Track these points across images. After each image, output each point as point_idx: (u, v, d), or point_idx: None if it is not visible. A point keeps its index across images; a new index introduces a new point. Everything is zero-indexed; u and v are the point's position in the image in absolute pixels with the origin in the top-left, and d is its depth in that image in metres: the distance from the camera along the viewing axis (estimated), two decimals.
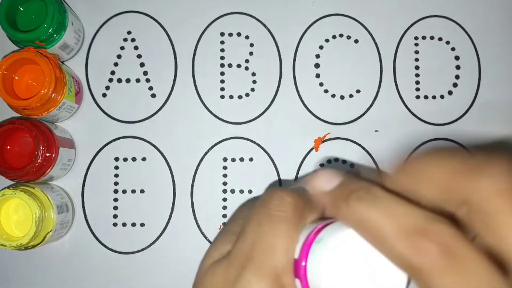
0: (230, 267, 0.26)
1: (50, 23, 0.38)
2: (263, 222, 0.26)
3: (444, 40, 0.44)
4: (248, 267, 0.25)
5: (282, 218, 0.25)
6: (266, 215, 0.26)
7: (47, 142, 0.37)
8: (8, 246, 0.36)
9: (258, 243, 0.25)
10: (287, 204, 0.26)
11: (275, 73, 0.43)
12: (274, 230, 0.25)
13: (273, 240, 0.25)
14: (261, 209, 0.26)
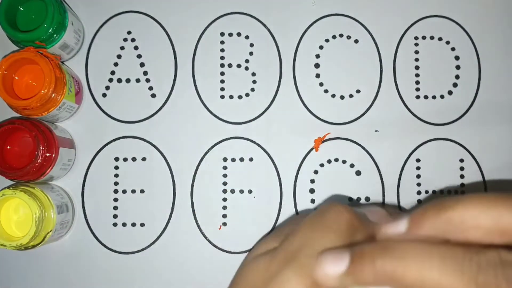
0: (274, 261, 0.27)
1: (50, 23, 0.38)
2: (316, 228, 0.27)
3: (444, 40, 0.44)
4: (290, 265, 0.26)
5: (335, 230, 0.26)
6: (320, 223, 0.27)
7: (47, 142, 0.37)
8: (8, 246, 0.36)
9: (306, 246, 0.26)
10: (343, 218, 0.27)
11: (275, 73, 0.43)
12: (324, 239, 0.26)
13: (321, 247, 0.25)
14: (317, 217, 0.27)
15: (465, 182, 0.42)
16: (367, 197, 0.42)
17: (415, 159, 0.43)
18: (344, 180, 0.42)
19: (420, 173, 0.43)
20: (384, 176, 0.42)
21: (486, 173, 0.43)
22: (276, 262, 0.27)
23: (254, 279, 0.27)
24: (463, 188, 0.42)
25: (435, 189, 0.42)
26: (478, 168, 0.43)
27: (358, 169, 0.42)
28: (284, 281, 0.25)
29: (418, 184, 0.42)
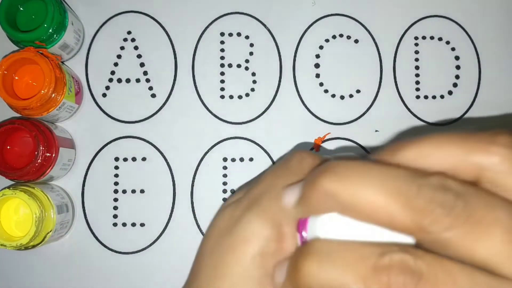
0: (238, 208, 0.27)
1: (50, 23, 0.38)
2: (278, 174, 0.27)
3: (444, 40, 0.44)
4: (252, 209, 0.26)
5: (297, 174, 0.26)
6: (283, 169, 0.27)
7: (47, 142, 0.37)
8: (8, 246, 0.36)
9: (268, 191, 0.26)
10: (306, 163, 0.27)
11: (275, 73, 0.43)
12: (286, 182, 0.26)
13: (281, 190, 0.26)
14: (281, 164, 0.27)
15: None
16: None
17: None
18: None
19: None
20: None
21: None
22: (239, 209, 0.27)
23: (219, 227, 0.27)
24: None
25: None
26: None
27: None
28: (245, 224, 0.25)
29: None
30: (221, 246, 0.26)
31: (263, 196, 0.26)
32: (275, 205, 0.25)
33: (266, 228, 0.25)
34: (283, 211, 0.25)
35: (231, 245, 0.26)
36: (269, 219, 0.25)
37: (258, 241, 0.25)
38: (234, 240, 0.26)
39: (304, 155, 0.27)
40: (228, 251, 0.26)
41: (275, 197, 0.26)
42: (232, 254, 0.25)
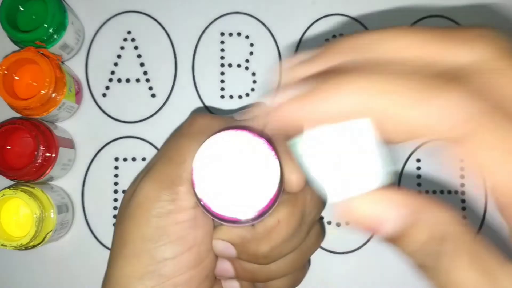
0: (135, 181, 0.28)
1: (50, 23, 0.38)
2: (171, 140, 0.28)
3: None
4: (146, 176, 0.27)
5: (186, 135, 0.27)
6: (175, 134, 0.28)
7: (47, 142, 0.37)
8: (8, 246, 0.36)
9: (160, 157, 0.28)
10: (195, 123, 0.28)
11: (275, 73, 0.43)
12: (176, 144, 0.27)
13: (172, 152, 0.27)
14: (175, 130, 0.30)
15: (465, 182, 0.42)
16: None
17: (415, 159, 0.43)
18: None
19: (420, 173, 0.42)
20: None
21: None
22: (137, 179, 0.28)
23: (124, 200, 0.28)
24: (463, 188, 0.42)
25: (435, 189, 0.42)
26: None
27: None
28: (140, 191, 0.26)
29: (418, 184, 0.42)
30: (122, 216, 0.27)
31: (156, 162, 0.27)
32: (168, 167, 0.26)
33: (158, 190, 0.26)
34: (175, 172, 0.26)
35: (129, 213, 0.26)
36: (160, 182, 0.26)
37: (151, 203, 0.26)
38: (131, 206, 0.26)
39: (195, 116, 0.28)
40: (128, 218, 0.26)
41: (167, 161, 0.27)
42: (131, 220, 0.26)
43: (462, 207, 0.42)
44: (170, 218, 0.26)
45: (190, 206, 0.26)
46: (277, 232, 0.27)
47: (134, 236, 0.26)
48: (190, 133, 0.27)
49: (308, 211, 0.29)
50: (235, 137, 0.24)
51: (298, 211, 0.28)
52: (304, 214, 0.28)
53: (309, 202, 0.28)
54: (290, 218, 0.27)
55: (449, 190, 0.42)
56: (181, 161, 0.26)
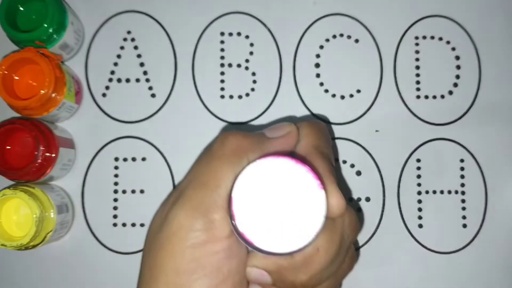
0: (165, 205, 0.27)
1: (50, 23, 0.38)
2: (202, 162, 0.26)
3: (444, 40, 0.44)
4: (177, 202, 0.25)
5: (218, 157, 0.26)
6: (206, 155, 0.26)
7: (47, 142, 0.37)
8: (8, 246, 0.36)
9: (192, 181, 0.26)
10: (227, 144, 0.26)
11: (275, 73, 0.43)
12: (208, 168, 0.26)
13: (204, 177, 0.25)
14: (205, 150, 0.27)
15: (465, 182, 0.42)
16: (367, 197, 0.42)
17: (415, 159, 0.43)
18: (344, 180, 0.42)
19: (420, 173, 0.42)
20: (384, 176, 0.42)
21: (486, 173, 0.42)
22: (167, 204, 0.26)
23: (152, 227, 0.27)
24: (463, 188, 0.42)
25: (435, 189, 0.42)
26: (478, 168, 0.43)
27: (358, 169, 0.42)
28: (172, 220, 0.25)
29: (418, 184, 0.42)
30: (153, 245, 0.26)
31: (187, 186, 0.26)
32: (201, 193, 0.25)
33: (193, 219, 0.24)
34: (209, 198, 0.24)
35: (161, 242, 0.25)
36: (194, 209, 0.24)
37: (187, 233, 0.24)
38: (163, 236, 0.25)
39: (226, 136, 0.26)
40: (160, 248, 0.25)
41: (199, 186, 0.25)
42: (163, 251, 0.25)
43: (462, 207, 0.42)
44: (205, 249, 0.24)
45: (225, 235, 0.24)
46: (317, 261, 0.25)
47: (167, 268, 0.24)
48: (223, 155, 0.26)
49: (346, 236, 0.27)
50: (276, 164, 0.23)
51: (337, 237, 0.26)
52: (343, 239, 0.27)
53: (347, 226, 0.27)
54: (329, 246, 0.26)
55: (449, 190, 0.42)
56: (215, 186, 0.25)
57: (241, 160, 0.25)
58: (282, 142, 0.28)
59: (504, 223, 0.42)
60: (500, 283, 0.41)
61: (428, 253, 0.42)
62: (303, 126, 0.29)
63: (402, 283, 0.41)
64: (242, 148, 0.26)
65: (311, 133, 0.29)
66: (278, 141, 0.27)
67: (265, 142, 0.27)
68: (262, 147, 0.27)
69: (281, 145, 0.27)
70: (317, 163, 0.26)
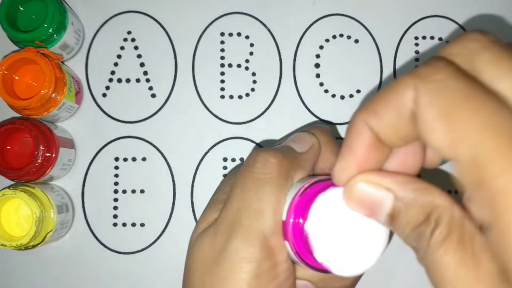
0: (217, 235, 0.25)
1: (50, 23, 0.38)
2: (248, 187, 0.25)
3: (444, 40, 0.44)
4: (235, 234, 0.24)
5: (267, 181, 0.25)
6: (250, 179, 0.25)
7: (47, 142, 0.37)
8: (8, 246, 0.36)
9: (244, 208, 0.25)
10: (271, 165, 0.25)
11: (275, 73, 0.43)
12: (259, 194, 0.25)
13: (259, 204, 0.25)
14: (246, 173, 0.26)
15: None
16: None
17: None
18: None
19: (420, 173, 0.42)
20: None
21: None
22: (220, 235, 0.25)
23: (203, 259, 0.26)
24: None
25: None
26: None
27: None
28: (233, 253, 0.24)
29: None
30: (212, 279, 0.25)
31: (240, 215, 0.25)
32: (256, 222, 0.24)
33: (254, 249, 0.24)
34: (265, 226, 0.24)
35: (222, 276, 0.24)
36: (254, 239, 0.24)
37: (250, 264, 0.24)
38: (223, 270, 0.24)
39: (266, 157, 0.26)
40: (220, 283, 0.24)
41: (253, 214, 0.24)
42: (226, 285, 0.24)
43: None
44: (269, 276, 0.24)
45: (284, 258, 0.25)
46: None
47: None
48: (271, 178, 0.25)
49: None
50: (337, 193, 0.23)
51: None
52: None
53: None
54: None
55: (449, 190, 0.42)
56: (271, 212, 0.24)
57: (287, 182, 0.25)
58: (311, 155, 0.28)
59: None
60: None
61: None
62: (319, 135, 0.29)
63: (402, 283, 0.41)
64: (285, 169, 0.25)
65: (330, 142, 0.29)
66: (308, 154, 0.28)
67: (299, 158, 0.27)
68: (300, 164, 0.27)
69: (312, 158, 0.28)
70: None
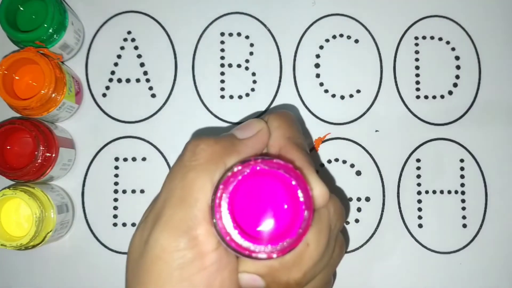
0: (144, 228, 0.25)
1: (50, 23, 0.38)
2: (174, 176, 0.25)
3: (444, 40, 0.44)
4: (157, 225, 0.24)
5: (193, 167, 0.24)
6: (178, 167, 0.25)
7: (47, 142, 0.37)
8: (8, 246, 0.36)
9: (168, 198, 0.24)
10: (200, 151, 0.25)
11: (275, 73, 0.43)
12: (183, 181, 0.24)
13: (182, 192, 0.24)
14: (176, 163, 0.25)
15: (465, 182, 0.42)
16: (367, 197, 0.42)
17: (415, 159, 0.43)
18: (344, 180, 0.42)
19: (420, 173, 0.42)
20: (384, 176, 0.42)
21: (486, 173, 0.43)
22: (146, 228, 0.25)
23: (133, 253, 0.25)
24: (463, 188, 0.42)
25: (435, 189, 0.42)
26: (478, 168, 0.43)
27: (358, 169, 0.42)
28: (154, 244, 0.23)
29: (418, 184, 0.42)
30: (138, 272, 0.24)
31: (165, 206, 0.24)
32: (179, 211, 0.23)
33: (175, 239, 0.23)
34: (190, 214, 0.23)
35: (145, 268, 0.24)
36: (176, 229, 0.23)
37: (170, 255, 0.23)
38: (147, 262, 0.23)
39: (196, 143, 0.25)
40: (145, 275, 0.24)
41: (177, 203, 0.24)
42: (149, 277, 0.23)
43: (462, 207, 0.42)
44: (193, 266, 0.23)
45: (212, 248, 0.23)
46: (308, 256, 0.25)
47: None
48: (197, 165, 0.24)
49: (333, 225, 0.27)
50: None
51: (325, 228, 0.26)
52: (330, 229, 0.26)
53: (333, 215, 0.26)
54: (319, 238, 0.25)
55: (449, 190, 0.42)
56: (194, 200, 0.23)
57: (218, 167, 0.24)
58: (254, 141, 0.27)
59: (504, 223, 0.42)
60: (500, 283, 0.41)
61: (428, 253, 0.42)
62: (272, 119, 0.28)
63: (402, 283, 0.41)
64: (216, 155, 0.25)
65: (282, 125, 0.28)
66: (251, 140, 0.27)
67: (238, 144, 0.26)
68: (237, 149, 0.26)
69: (255, 144, 0.27)
70: (293, 155, 0.26)
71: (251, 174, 0.22)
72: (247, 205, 0.23)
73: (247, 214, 0.23)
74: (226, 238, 0.22)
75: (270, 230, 0.23)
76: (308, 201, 0.22)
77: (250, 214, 0.23)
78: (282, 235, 0.22)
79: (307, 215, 0.22)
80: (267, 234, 0.23)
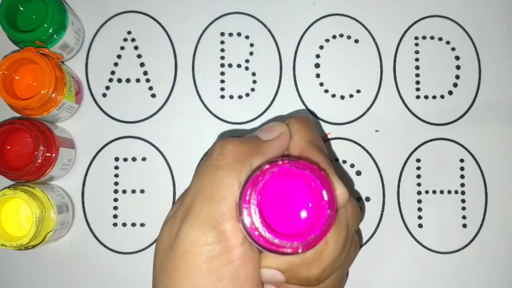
0: (173, 223, 0.26)
1: (50, 23, 0.38)
2: (203, 174, 0.26)
3: (444, 40, 0.44)
4: (186, 220, 0.25)
5: (220, 166, 0.26)
6: (206, 166, 0.26)
7: (47, 142, 0.37)
8: (8, 246, 0.36)
9: (197, 195, 0.26)
10: (227, 152, 0.26)
11: (275, 73, 0.43)
12: (212, 179, 0.26)
13: (210, 189, 0.25)
14: (204, 162, 0.27)
15: (465, 182, 0.42)
16: (367, 197, 0.42)
17: (415, 159, 0.43)
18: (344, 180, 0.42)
19: (420, 173, 0.42)
20: (384, 176, 0.42)
21: (486, 173, 0.43)
22: (176, 223, 0.26)
23: (162, 247, 0.27)
24: (463, 188, 0.42)
25: (435, 189, 0.42)
26: (478, 168, 0.43)
27: (358, 169, 0.42)
28: (183, 238, 0.25)
29: (418, 184, 0.42)
30: (167, 265, 0.26)
31: (194, 202, 0.26)
32: (208, 207, 0.25)
33: (204, 233, 0.24)
34: (218, 210, 0.25)
35: (175, 261, 0.25)
36: (204, 224, 0.25)
37: (200, 248, 0.24)
38: (176, 255, 0.25)
39: (223, 144, 0.27)
40: (174, 268, 0.25)
41: (206, 199, 0.25)
42: (178, 270, 0.25)
43: (462, 207, 0.42)
44: (221, 260, 0.24)
45: (239, 243, 0.25)
46: (327, 254, 0.26)
47: (185, 286, 0.25)
48: (224, 164, 0.26)
49: (350, 224, 0.28)
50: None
51: (343, 227, 0.27)
52: (348, 229, 0.28)
53: (350, 215, 0.28)
54: (337, 237, 0.27)
55: (449, 190, 0.42)
56: (222, 197, 0.25)
57: (244, 167, 0.26)
58: (277, 142, 0.28)
59: (504, 223, 0.42)
60: (500, 283, 0.41)
61: (428, 253, 0.42)
62: (292, 123, 0.30)
63: (402, 283, 0.41)
64: (242, 155, 0.26)
65: (302, 128, 0.30)
66: (274, 142, 0.28)
67: (262, 145, 0.28)
68: (261, 150, 0.27)
69: (277, 146, 0.28)
70: (314, 157, 0.27)
71: (279, 173, 0.24)
72: (273, 203, 0.24)
73: (273, 211, 0.24)
74: (254, 234, 0.23)
75: (295, 227, 0.24)
76: (331, 200, 0.24)
77: (276, 211, 0.24)
78: (306, 232, 0.24)
79: (330, 214, 0.23)
80: (292, 230, 0.24)
